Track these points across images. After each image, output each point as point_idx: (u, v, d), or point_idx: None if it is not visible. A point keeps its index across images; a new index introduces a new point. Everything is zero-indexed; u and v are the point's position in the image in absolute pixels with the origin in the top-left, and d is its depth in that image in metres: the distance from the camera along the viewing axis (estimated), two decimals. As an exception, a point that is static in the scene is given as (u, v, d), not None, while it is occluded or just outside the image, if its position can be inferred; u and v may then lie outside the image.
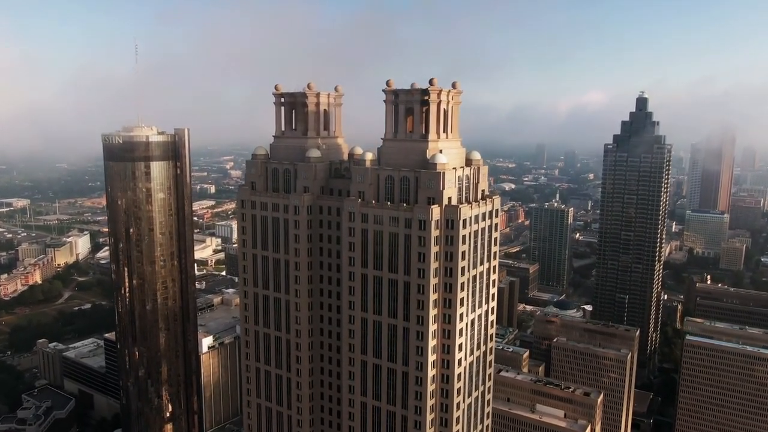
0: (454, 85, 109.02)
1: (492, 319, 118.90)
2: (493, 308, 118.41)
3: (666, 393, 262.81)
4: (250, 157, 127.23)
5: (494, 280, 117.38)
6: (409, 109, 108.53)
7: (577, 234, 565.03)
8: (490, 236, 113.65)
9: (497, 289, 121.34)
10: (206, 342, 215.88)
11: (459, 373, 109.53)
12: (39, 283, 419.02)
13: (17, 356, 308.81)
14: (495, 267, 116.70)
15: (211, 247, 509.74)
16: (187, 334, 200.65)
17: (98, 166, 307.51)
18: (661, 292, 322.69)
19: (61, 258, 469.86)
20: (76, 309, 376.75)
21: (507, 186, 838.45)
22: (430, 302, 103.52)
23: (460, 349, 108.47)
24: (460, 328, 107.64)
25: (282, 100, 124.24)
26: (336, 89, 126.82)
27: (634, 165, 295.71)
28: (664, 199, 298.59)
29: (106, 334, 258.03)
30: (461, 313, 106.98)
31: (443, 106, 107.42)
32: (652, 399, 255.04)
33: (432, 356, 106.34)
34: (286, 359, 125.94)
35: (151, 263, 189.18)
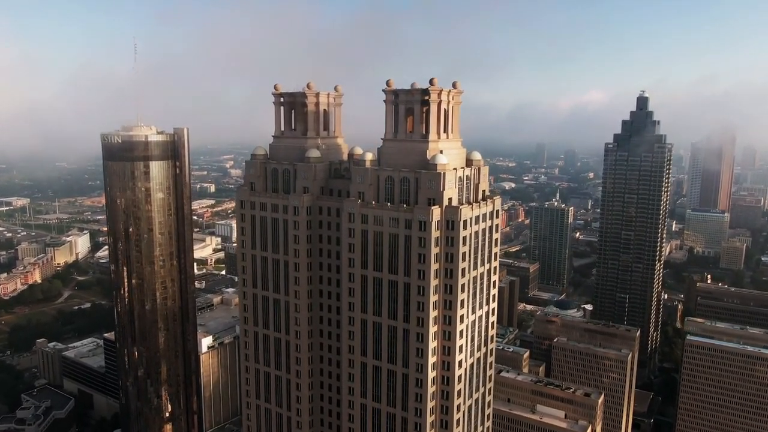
0: (454, 85, 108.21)
1: (493, 320, 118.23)
2: (493, 309, 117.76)
3: (666, 393, 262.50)
4: (249, 156, 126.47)
5: (495, 281, 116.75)
6: (409, 109, 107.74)
7: (578, 233, 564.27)
8: (490, 237, 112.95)
9: (497, 290, 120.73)
10: (206, 342, 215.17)
11: (459, 374, 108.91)
12: (38, 282, 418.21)
13: (16, 356, 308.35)
14: (496, 268, 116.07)
15: (210, 246, 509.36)
16: (186, 333, 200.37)
17: (98, 165, 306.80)
18: (661, 291, 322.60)
19: (61, 257, 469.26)
20: (76, 308, 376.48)
21: (507, 185, 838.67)
22: (430, 304, 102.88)
23: (460, 350, 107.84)
24: (461, 330, 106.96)
25: (281, 99, 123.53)
26: (336, 89, 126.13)
27: (634, 164, 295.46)
28: (665, 198, 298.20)
29: (105, 334, 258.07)
30: (462, 315, 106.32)
31: (443, 106, 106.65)
32: (652, 399, 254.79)
33: (432, 358, 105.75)
34: (285, 360, 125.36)
35: (151, 263, 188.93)
